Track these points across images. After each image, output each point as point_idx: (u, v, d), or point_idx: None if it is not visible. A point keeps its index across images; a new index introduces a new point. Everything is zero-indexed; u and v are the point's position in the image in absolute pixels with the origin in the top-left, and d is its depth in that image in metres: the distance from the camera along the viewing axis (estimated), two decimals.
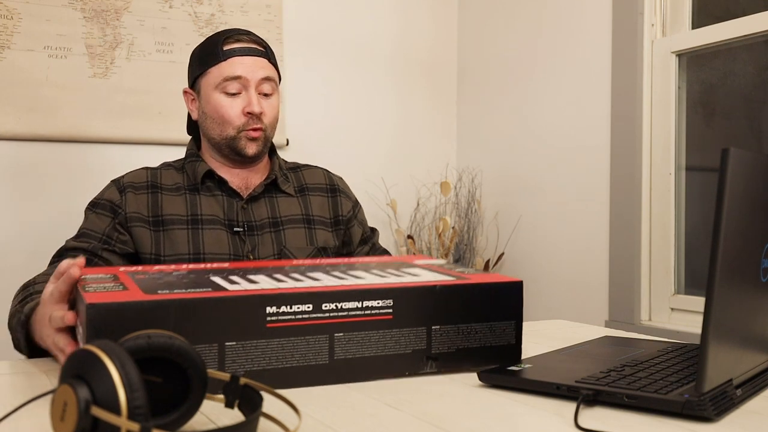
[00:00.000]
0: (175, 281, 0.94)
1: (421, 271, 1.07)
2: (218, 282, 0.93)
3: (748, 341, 0.84)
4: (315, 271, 1.06)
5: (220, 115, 1.39)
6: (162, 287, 0.89)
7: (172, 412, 0.67)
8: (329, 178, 1.55)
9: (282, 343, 0.87)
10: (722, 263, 0.71)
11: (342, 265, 1.11)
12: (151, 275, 0.99)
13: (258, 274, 1.00)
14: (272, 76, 1.42)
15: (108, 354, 0.58)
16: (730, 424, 0.73)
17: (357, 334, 0.91)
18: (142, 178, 1.42)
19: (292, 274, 1.02)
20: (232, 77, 1.38)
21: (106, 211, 1.37)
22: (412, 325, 0.94)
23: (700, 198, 1.90)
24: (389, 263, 1.16)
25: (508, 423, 0.74)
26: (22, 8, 1.96)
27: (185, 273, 1.01)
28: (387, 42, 2.56)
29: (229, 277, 0.97)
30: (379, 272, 1.05)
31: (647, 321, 1.92)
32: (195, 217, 1.38)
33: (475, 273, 1.06)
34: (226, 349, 0.84)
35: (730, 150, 0.70)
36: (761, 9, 1.67)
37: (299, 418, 0.66)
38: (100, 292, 0.85)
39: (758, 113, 1.83)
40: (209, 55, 1.41)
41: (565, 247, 2.19)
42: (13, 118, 1.95)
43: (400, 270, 1.07)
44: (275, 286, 0.91)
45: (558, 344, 1.13)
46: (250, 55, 1.40)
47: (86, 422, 0.56)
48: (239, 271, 1.04)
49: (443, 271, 1.07)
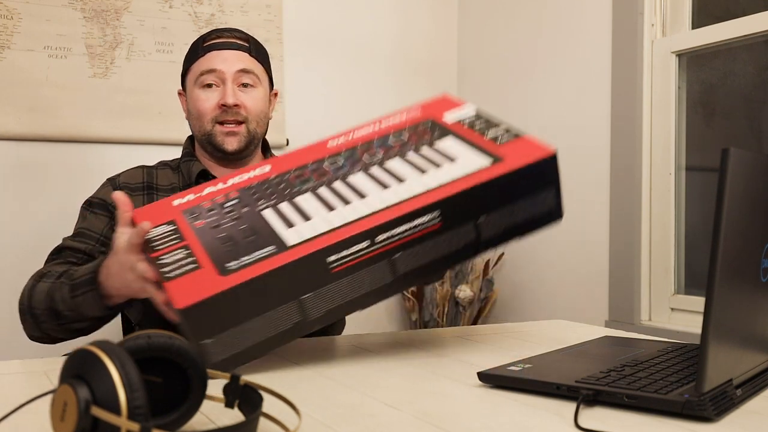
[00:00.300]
0: (231, 228, 1.00)
1: (457, 150, 1.07)
2: (273, 224, 0.99)
3: (748, 341, 0.84)
4: (355, 171, 1.08)
5: (197, 109, 1.39)
6: (226, 248, 0.95)
7: (172, 412, 0.67)
8: None
9: (349, 279, 0.96)
10: (722, 263, 0.71)
11: (378, 156, 1.11)
12: (206, 216, 1.04)
13: (304, 195, 1.05)
14: (251, 68, 1.39)
15: (108, 354, 0.58)
16: (730, 424, 0.73)
17: (412, 249, 0.98)
18: (138, 178, 1.41)
19: (336, 187, 1.05)
20: (207, 70, 1.37)
21: (102, 211, 1.36)
22: (461, 224, 1.00)
23: (700, 198, 1.90)
24: (422, 138, 1.13)
25: (508, 423, 0.74)
26: (22, 8, 1.96)
27: (234, 205, 1.06)
28: (387, 42, 2.56)
29: (280, 211, 1.02)
30: (417, 165, 1.06)
31: (647, 321, 1.92)
32: None
33: (508, 139, 1.07)
34: (303, 301, 0.94)
35: (730, 150, 0.70)
36: (761, 9, 1.67)
37: (299, 418, 0.66)
38: (179, 278, 0.92)
39: (758, 113, 1.83)
40: (192, 53, 1.42)
41: (565, 247, 2.19)
42: (13, 118, 1.95)
43: (436, 155, 1.08)
44: (328, 221, 0.97)
45: (558, 344, 1.13)
46: (228, 49, 1.39)
47: (86, 422, 0.56)
48: (286, 193, 1.06)
49: (478, 143, 1.08)
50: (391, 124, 1.19)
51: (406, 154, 1.10)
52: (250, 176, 1.13)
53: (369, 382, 0.92)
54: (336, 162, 1.11)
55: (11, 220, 1.97)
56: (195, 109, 1.39)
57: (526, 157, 1.02)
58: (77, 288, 1.14)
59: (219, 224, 1.02)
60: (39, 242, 1.98)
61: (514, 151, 1.04)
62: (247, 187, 1.10)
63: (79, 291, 1.13)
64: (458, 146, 1.09)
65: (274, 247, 0.94)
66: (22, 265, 1.96)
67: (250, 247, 0.95)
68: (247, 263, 0.92)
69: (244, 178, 1.13)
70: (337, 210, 1.00)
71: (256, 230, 0.98)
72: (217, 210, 1.06)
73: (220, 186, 1.12)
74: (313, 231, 0.96)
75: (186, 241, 1.00)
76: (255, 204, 1.05)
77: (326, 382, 0.92)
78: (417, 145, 1.12)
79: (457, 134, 1.12)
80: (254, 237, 0.97)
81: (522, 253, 2.36)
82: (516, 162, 1.01)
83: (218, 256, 0.94)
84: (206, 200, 1.09)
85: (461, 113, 1.17)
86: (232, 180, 1.13)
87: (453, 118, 1.17)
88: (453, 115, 1.17)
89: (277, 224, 0.99)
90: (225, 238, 0.98)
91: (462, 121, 1.15)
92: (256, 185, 1.10)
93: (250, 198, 1.07)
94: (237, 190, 1.10)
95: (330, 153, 1.14)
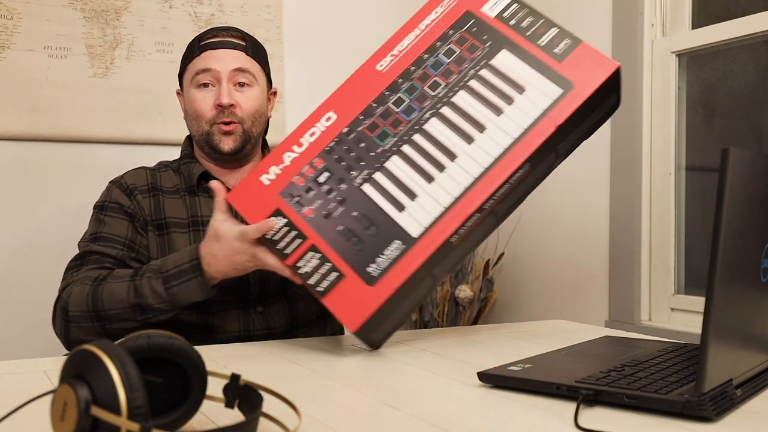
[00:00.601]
0: (344, 217, 1.08)
1: (520, 73, 1.09)
2: (382, 206, 1.07)
3: (748, 341, 0.84)
4: (426, 116, 1.11)
5: (193, 110, 1.38)
6: (355, 248, 1.05)
7: (172, 412, 0.67)
8: None
9: (467, 242, 1.09)
10: (722, 263, 0.71)
11: (439, 87, 1.12)
12: (309, 200, 1.10)
13: (392, 159, 1.10)
14: (247, 67, 1.38)
15: (108, 354, 0.58)
16: (730, 424, 0.73)
17: (510, 196, 1.09)
18: (143, 179, 1.40)
19: (419, 143, 1.09)
20: (203, 70, 1.36)
21: (119, 214, 1.35)
22: (545, 158, 1.09)
23: (700, 198, 1.90)
24: (474, 53, 1.13)
25: (508, 423, 0.74)
26: (22, 8, 1.96)
27: (328, 179, 1.11)
28: None
29: (379, 185, 1.08)
30: (488, 100, 1.09)
31: (647, 321, 1.92)
32: (195, 219, 1.37)
33: (568, 51, 1.09)
34: (435, 273, 1.08)
35: (730, 150, 0.70)
36: (761, 9, 1.67)
37: (299, 418, 0.66)
38: (331, 293, 1.05)
39: (758, 113, 1.83)
40: (188, 53, 1.41)
41: (565, 247, 2.19)
42: (13, 118, 1.95)
43: (500, 82, 1.09)
44: (435, 200, 1.05)
45: (558, 344, 1.13)
46: (225, 48, 1.38)
47: (86, 422, 0.56)
48: (371, 156, 1.10)
49: (537, 59, 1.09)
50: (429, 23, 1.18)
51: (469, 82, 1.11)
52: (321, 130, 1.15)
53: (369, 382, 0.92)
54: (400, 99, 1.13)
55: (11, 220, 1.97)
56: (192, 110, 1.39)
57: (594, 79, 1.05)
58: (173, 279, 1.18)
59: (329, 212, 1.09)
60: (39, 242, 1.98)
61: (580, 71, 1.06)
62: (328, 148, 1.13)
63: (177, 281, 1.18)
64: (519, 66, 1.10)
65: (401, 243, 1.05)
66: (22, 264, 1.97)
67: (378, 245, 1.05)
68: (386, 267, 1.04)
69: (315, 134, 1.14)
70: (436, 180, 1.06)
71: (371, 218, 1.07)
72: (315, 189, 1.11)
73: (296, 150, 1.14)
74: (428, 216, 1.05)
75: (310, 240, 1.08)
76: (349, 176, 1.10)
77: (326, 382, 0.92)
78: (474, 67, 1.12)
79: (509, 43, 1.12)
80: (375, 229, 1.06)
81: (522, 253, 2.36)
82: (587, 88, 1.05)
83: (353, 259, 1.05)
84: (294, 173, 1.13)
85: (497, 1, 1.16)
86: (303, 138, 1.15)
87: (492, 10, 1.16)
88: (491, 7, 1.16)
89: (386, 206, 1.07)
90: (346, 232, 1.07)
91: (503, 15, 1.15)
92: (334, 144, 1.13)
93: (339, 167, 1.11)
94: (319, 156, 1.13)
95: (385, 82, 1.15)
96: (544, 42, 1.10)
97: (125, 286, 1.21)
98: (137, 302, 1.19)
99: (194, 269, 1.18)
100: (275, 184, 1.14)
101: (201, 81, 1.37)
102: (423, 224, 1.05)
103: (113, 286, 1.21)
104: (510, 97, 1.07)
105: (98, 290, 1.21)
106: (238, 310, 1.33)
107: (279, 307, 1.36)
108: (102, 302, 1.20)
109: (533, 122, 1.05)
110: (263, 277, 1.33)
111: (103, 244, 1.31)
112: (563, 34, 1.10)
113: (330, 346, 1.17)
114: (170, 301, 1.19)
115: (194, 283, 1.18)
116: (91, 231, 1.35)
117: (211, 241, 1.18)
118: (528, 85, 1.08)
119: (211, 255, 1.17)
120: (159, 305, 1.19)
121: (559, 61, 1.08)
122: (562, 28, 1.11)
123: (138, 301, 1.19)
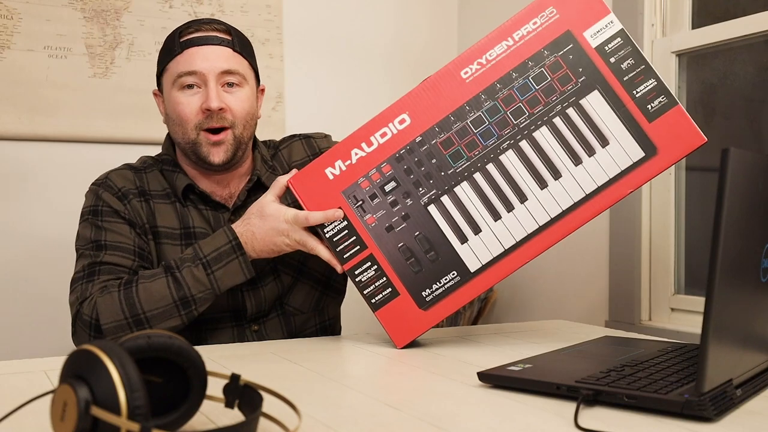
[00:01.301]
0: (406, 234, 1.10)
1: (607, 125, 1.07)
2: (445, 233, 1.09)
3: (748, 341, 0.84)
4: (504, 146, 1.09)
5: (177, 115, 1.24)
6: (413, 270, 1.10)
7: (172, 412, 0.67)
8: (309, 146, 1.39)
9: None
10: (722, 263, 0.71)
11: (523, 115, 1.10)
12: (372, 209, 1.12)
13: (462, 184, 1.10)
14: (236, 67, 1.24)
15: (108, 354, 0.58)
16: (730, 424, 0.73)
17: None
18: (131, 182, 1.29)
19: (492, 173, 1.09)
20: (187, 72, 1.22)
21: (117, 219, 1.24)
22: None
23: (700, 198, 1.90)
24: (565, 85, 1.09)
25: (508, 423, 0.74)
26: (22, 8, 1.96)
27: (394, 190, 1.11)
28: (387, 42, 2.55)
29: (445, 209, 1.10)
30: (569, 145, 1.08)
31: (647, 321, 1.92)
32: (188, 231, 1.28)
33: (660, 111, 1.05)
34: None
35: (730, 150, 0.70)
36: (761, 9, 1.67)
37: (299, 418, 0.66)
38: (385, 308, 1.11)
39: (758, 113, 1.83)
40: (167, 50, 1.27)
41: (565, 247, 2.19)
42: (13, 118, 1.95)
43: (586, 129, 1.08)
44: (498, 241, 1.08)
45: (558, 344, 1.13)
46: (209, 44, 1.24)
47: (86, 422, 0.56)
48: (442, 176, 1.11)
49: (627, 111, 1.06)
50: (525, 35, 1.12)
51: (554, 119, 1.09)
52: (393, 132, 1.13)
53: (369, 382, 0.92)
54: (479, 119, 1.10)
55: (11, 220, 1.97)
56: (175, 114, 1.25)
57: (680, 150, 1.04)
58: (213, 263, 1.17)
59: (391, 226, 1.11)
60: (39, 242, 1.98)
61: (668, 137, 1.04)
62: (398, 155, 1.12)
63: (218, 265, 1.17)
64: (607, 115, 1.07)
65: (458, 275, 1.09)
66: (22, 265, 1.96)
67: (436, 271, 1.09)
68: (440, 295, 1.09)
69: (387, 135, 1.13)
70: (503, 220, 1.07)
71: (432, 242, 1.10)
72: (380, 198, 1.11)
73: (366, 149, 1.13)
74: (488, 254, 1.08)
75: (369, 250, 1.12)
76: (416, 192, 1.10)
77: (326, 382, 0.92)
78: (563, 102, 1.08)
79: (604, 84, 1.07)
80: (434, 255, 1.10)
81: None
82: (670, 158, 1.03)
83: (410, 281, 1.10)
84: (360, 173, 1.13)
85: (603, 29, 1.08)
86: (374, 137, 1.14)
87: (594, 38, 1.08)
88: (594, 34, 1.09)
89: (449, 233, 1.10)
90: (406, 251, 1.10)
91: (605, 48, 1.08)
92: (405, 153, 1.12)
93: (407, 179, 1.11)
94: (387, 161, 1.12)
95: (467, 95, 1.11)
96: (639, 93, 1.05)
97: (163, 282, 1.15)
98: (181, 295, 1.15)
99: (235, 250, 1.17)
100: (339, 180, 1.14)
101: (185, 83, 1.23)
102: (482, 261, 1.09)
103: (150, 285, 1.15)
104: (592, 147, 1.06)
105: (131, 294, 1.14)
106: (233, 329, 1.28)
107: (275, 324, 1.31)
108: (140, 305, 1.14)
109: (608, 181, 1.05)
110: (258, 295, 1.28)
111: (112, 253, 1.21)
112: (661, 89, 1.05)
113: (330, 346, 1.17)
114: (212, 287, 1.16)
115: (236, 264, 1.17)
116: (92, 239, 1.23)
117: (253, 219, 1.18)
118: (612, 139, 1.06)
119: (251, 232, 1.17)
120: (201, 294, 1.16)
121: (650, 121, 1.04)
122: (660, 81, 1.05)
123: (181, 294, 1.15)
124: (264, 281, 1.29)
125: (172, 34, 1.28)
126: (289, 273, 1.31)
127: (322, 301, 1.36)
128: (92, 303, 1.15)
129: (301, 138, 1.41)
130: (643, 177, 1.05)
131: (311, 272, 1.33)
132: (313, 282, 1.34)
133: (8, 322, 1.94)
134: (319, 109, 2.44)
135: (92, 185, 1.30)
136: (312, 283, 1.33)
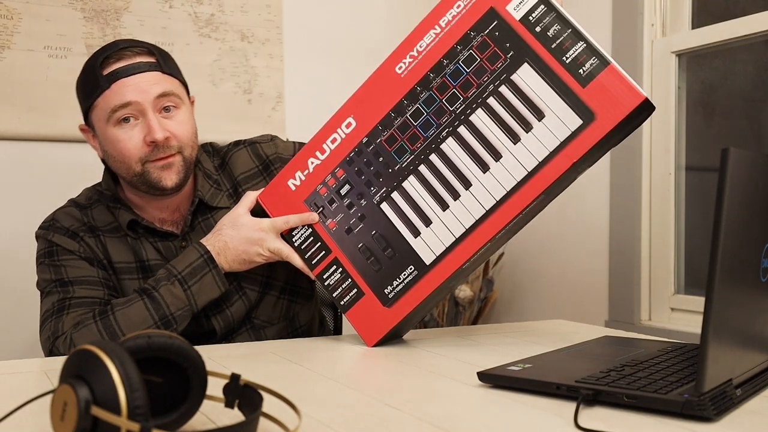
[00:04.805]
0: (364, 234, 1.12)
1: (541, 96, 1.03)
2: (399, 229, 1.10)
3: (748, 341, 0.84)
4: (443, 134, 1.09)
5: (119, 152, 1.18)
6: (374, 268, 1.11)
7: (172, 412, 0.67)
8: (256, 153, 1.34)
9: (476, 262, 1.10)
10: (722, 263, 0.71)
11: (457, 101, 1.08)
12: (332, 213, 1.15)
13: (409, 178, 1.11)
14: (169, 89, 1.19)
15: (108, 354, 0.58)
16: (730, 424, 0.73)
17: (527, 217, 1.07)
18: (78, 219, 1.25)
19: (436, 164, 1.09)
20: (121, 105, 1.15)
21: (72, 257, 1.21)
22: (564, 182, 1.05)
23: (700, 198, 1.90)
24: (494, 63, 1.06)
25: (508, 423, 0.74)
26: (22, 8, 1.96)
27: (349, 193, 1.14)
28: (387, 42, 2.55)
29: (396, 205, 1.11)
30: (506, 124, 1.06)
31: (647, 321, 1.92)
32: (143, 265, 1.24)
33: (593, 74, 1.00)
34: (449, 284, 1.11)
35: (730, 150, 0.70)
36: (761, 9, 1.67)
37: (299, 418, 0.66)
38: (353, 309, 1.13)
39: (758, 113, 1.83)
40: (91, 85, 1.18)
41: (565, 247, 2.19)
42: (13, 118, 1.95)
43: (520, 104, 1.05)
44: (449, 230, 1.07)
45: (558, 344, 1.13)
46: (136, 72, 1.16)
47: (86, 422, 0.56)
48: (390, 173, 1.12)
49: (560, 79, 1.02)
50: (450, 20, 1.10)
51: (488, 99, 1.07)
52: (342, 137, 1.16)
53: (369, 382, 0.92)
54: (418, 111, 1.11)
55: (11, 221, 1.97)
56: (116, 152, 1.19)
57: (618, 112, 0.98)
58: (188, 278, 1.16)
59: (350, 228, 1.14)
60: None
61: (604, 100, 0.99)
62: (348, 159, 1.15)
63: (193, 279, 1.17)
64: (539, 86, 1.03)
65: (415, 269, 1.09)
66: (21, 265, 1.96)
67: (394, 268, 1.10)
68: (401, 290, 1.10)
69: (337, 141, 1.16)
70: (451, 208, 1.07)
71: (388, 240, 1.11)
72: (338, 202, 1.15)
73: (320, 157, 1.17)
74: (441, 245, 1.08)
75: (333, 254, 1.15)
76: (368, 192, 1.13)
77: (326, 382, 0.92)
78: (494, 81, 1.06)
79: (533, 55, 1.04)
80: (391, 251, 1.11)
81: (522, 253, 2.36)
82: (609, 122, 0.98)
83: (372, 279, 1.12)
84: (317, 181, 1.17)
85: (525, 0, 1.05)
86: (325, 144, 1.17)
87: (517, 10, 1.05)
88: (516, 6, 1.06)
89: (402, 229, 1.11)
90: (365, 251, 1.12)
91: (528, 18, 1.04)
92: (354, 155, 1.15)
93: (359, 180, 1.14)
94: (340, 166, 1.15)
95: (404, 89, 1.13)
96: (569, 59, 1.02)
97: (141, 305, 1.14)
98: (161, 315, 1.14)
99: (208, 263, 1.17)
100: (301, 190, 1.18)
101: (120, 116, 1.16)
102: (436, 252, 1.08)
103: (127, 310, 1.13)
104: (529, 123, 1.04)
105: (109, 322, 1.12)
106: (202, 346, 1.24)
107: (245, 339, 1.29)
108: (121, 332, 1.11)
109: (549, 155, 1.02)
110: (225, 316, 1.25)
111: (80, 287, 1.18)
112: (590, 51, 1.01)
113: (330, 346, 1.17)
114: (190, 304, 1.16)
115: (210, 278, 1.17)
116: (53, 278, 1.19)
117: (226, 229, 1.18)
118: (548, 110, 1.03)
119: (224, 242, 1.18)
120: (179, 311, 1.15)
121: (583, 86, 1.00)
122: (589, 43, 1.01)
123: (161, 314, 1.14)
124: (229, 301, 1.26)
125: (92, 67, 1.19)
126: (255, 288, 1.28)
127: (292, 309, 1.34)
128: (67, 340, 1.11)
129: (247, 145, 1.35)
130: (583, 146, 1.00)
131: (276, 283, 1.31)
132: (278, 292, 1.31)
133: (8, 322, 1.94)
134: (318, 109, 2.44)
135: (39, 229, 1.27)
136: (277, 293, 1.31)
